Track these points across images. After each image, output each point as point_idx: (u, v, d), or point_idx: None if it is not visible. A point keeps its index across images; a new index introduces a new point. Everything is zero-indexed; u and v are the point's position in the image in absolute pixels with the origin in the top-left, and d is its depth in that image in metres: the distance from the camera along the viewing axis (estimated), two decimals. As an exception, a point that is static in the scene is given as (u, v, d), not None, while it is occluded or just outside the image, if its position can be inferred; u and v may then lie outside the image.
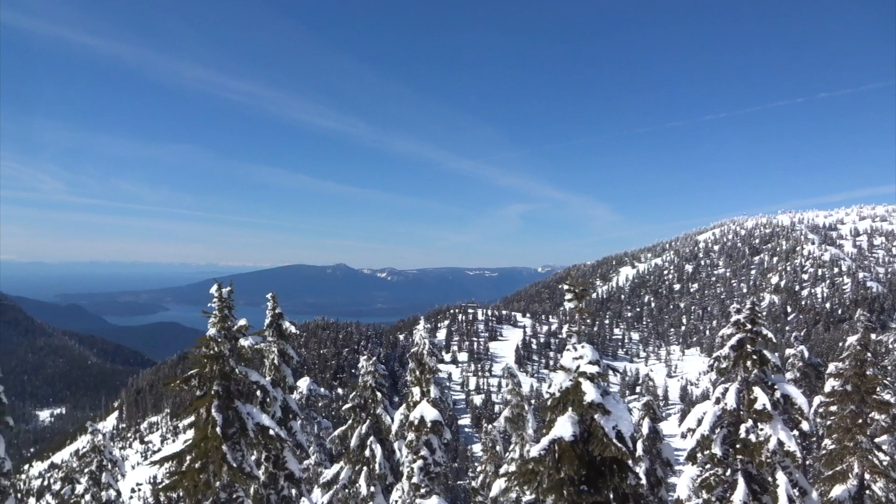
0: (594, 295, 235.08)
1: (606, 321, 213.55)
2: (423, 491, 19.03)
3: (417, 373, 20.19)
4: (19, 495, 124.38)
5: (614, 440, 10.79)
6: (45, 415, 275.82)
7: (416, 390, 20.16)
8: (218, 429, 13.22)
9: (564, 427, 10.97)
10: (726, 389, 15.86)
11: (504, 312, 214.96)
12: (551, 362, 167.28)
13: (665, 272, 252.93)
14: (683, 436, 16.65)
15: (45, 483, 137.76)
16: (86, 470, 22.24)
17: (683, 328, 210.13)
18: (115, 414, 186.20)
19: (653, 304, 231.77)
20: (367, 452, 21.83)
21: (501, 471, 24.20)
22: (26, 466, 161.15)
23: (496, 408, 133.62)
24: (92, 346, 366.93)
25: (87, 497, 21.66)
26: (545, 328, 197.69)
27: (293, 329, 19.16)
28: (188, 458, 13.70)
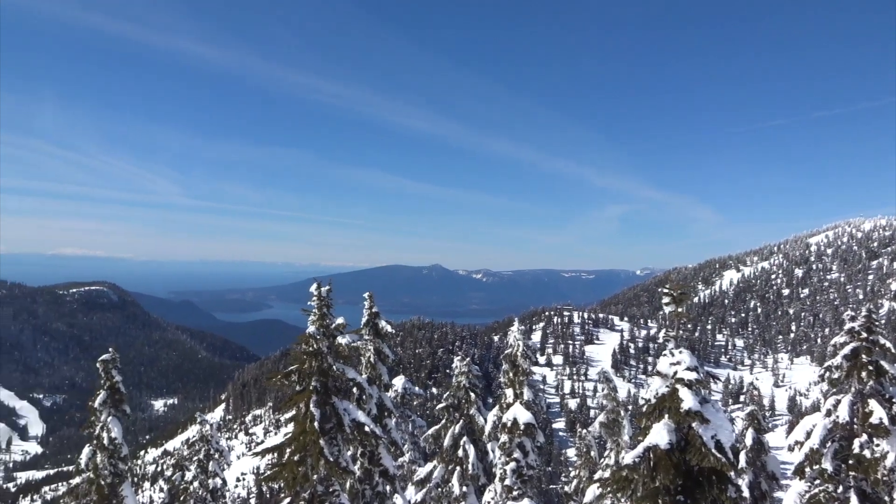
0: (695, 299, 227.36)
1: (709, 326, 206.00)
2: (515, 493, 18.97)
3: (511, 374, 20.14)
4: (135, 479, 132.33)
5: (713, 450, 10.42)
6: (159, 404, 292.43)
7: (509, 392, 20.12)
8: (316, 423, 13.64)
9: (660, 435, 10.68)
10: (838, 401, 15.02)
11: (601, 315, 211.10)
12: (649, 368, 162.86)
13: (773, 276, 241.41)
14: (791, 449, 15.89)
15: (159, 469, 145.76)
16: (194, 458, 23.42)
17: (792, 335, 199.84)
18: (223, 406, 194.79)
19: (759, 310, 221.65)
20: (460, 452, 21.98)
21: (596, 476, 23.80)
22: (142, 452, 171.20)
23: (591, 412, 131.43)
24: (202, 340, 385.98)
25: (196, 484, 22.79)
26: (643, 332, 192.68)
27: (389, 328, 19.50)
28: (288, 450, 14.20)
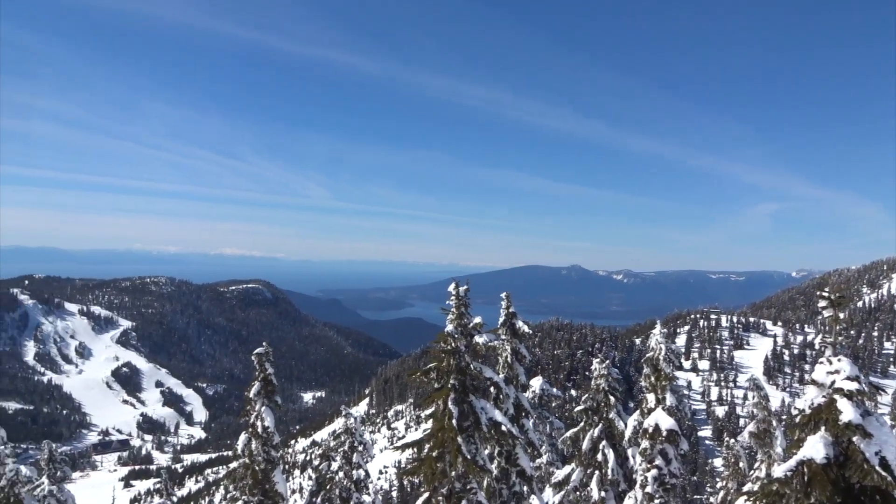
0: (859, 303, 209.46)
1: (875, 333, 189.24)
2: (657, 501, 18.36)
3: (653, 379, 19.52)
4: (286, 466, 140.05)
5: (877, 467, 9.58)
6: (308, 397, 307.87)
7: (650, 397, 19.51)
8: (454, 421, 13.86)
9: (815, 448, 9.97)
10: None
11: (751, 319, 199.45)
12: (805, 376, 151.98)
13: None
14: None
15: (307, 458, 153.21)
16: (339, 450, 24.45)
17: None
18: (366, 400, 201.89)
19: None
20: (599, 456, 21.57)
21: (744, 489, 22.56)
22: (292, 441, 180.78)
23: (740, 421, 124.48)
24: (347, 337, 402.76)
25: (341, 474, 23.79)
26: (799, 338, 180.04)
27: (526, 328, 19.47)
28: (426, 446, 14.53)
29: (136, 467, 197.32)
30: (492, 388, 16.25)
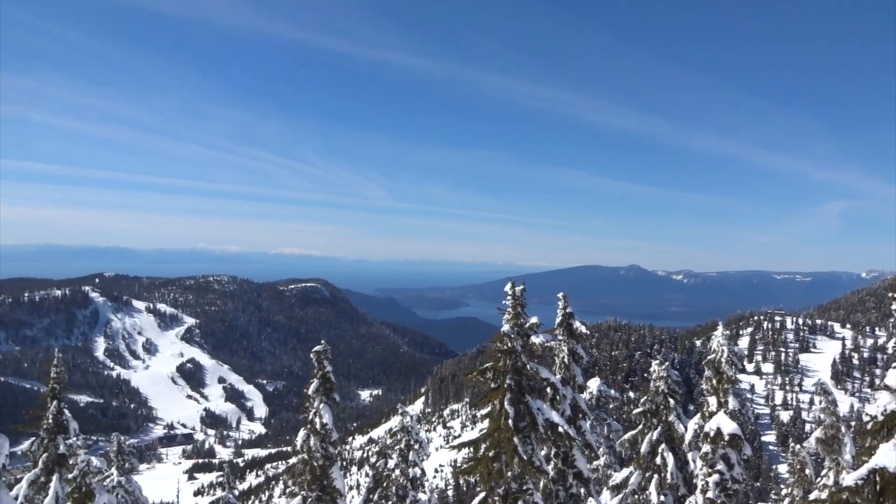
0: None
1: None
2: (718, 507, 17.92)
3: (714, 381, 19.05)
4: (344, 463, 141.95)
5: (956, 478, 9.16)
6: (364, 394, 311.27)
7: (712, 400, 19.04)
8: (510, 421, 13.82)
9: (889, 456, 9.57)
10: None
11: (818, 322, 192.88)
12: (876, 381, 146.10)
13: None
14: None
15: (364, 455, 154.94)
16: (396, 447, 24.62)
17: None
18: (422, 399, 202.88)
19: None
20: (657, 460, 21.17)
21: (811, 497, 21.83)
22: (349, 439, 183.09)
23: (807, 426, 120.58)
24: (404, 335, 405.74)
25: (397, 472, 23.95)
26: (869, 342, 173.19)
27: (583, 329, 19.27)
28: (483, 446, 14.52)
29: (200, 460, 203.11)
30: (548, 389, 16.14)
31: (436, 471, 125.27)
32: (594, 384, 24.67)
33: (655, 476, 21.01)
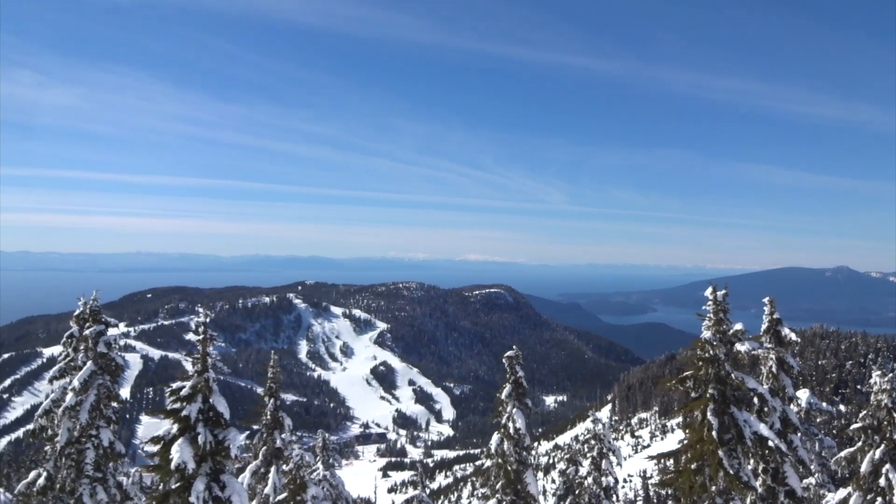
0: None
1: None
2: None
3: (952, 397, 16.92)
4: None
5: None
6: (549, 400, 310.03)
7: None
8: (714, 433, 13.15)
9: None
10: None
11: None
12: None
13: None
14: None
15: (550, 461, 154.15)
16: (588, 454, 24.32)
17: None
18: (609, 406, 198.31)
19: None
20: (881, 481, 19.12)
21: None
22: (535, 444, 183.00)
23: None
24: (588, 341, 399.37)
25: (590, 480, 23.65)
26: None
27: (793, 336, 17.91)
28: (683, 458, 13.94)
29: (392, 459, 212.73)
30: (755, 400, 15.15)
31: (624, 481, 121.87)
32: (804, 396, 22.77)
33: (879, 499, 18.99)
